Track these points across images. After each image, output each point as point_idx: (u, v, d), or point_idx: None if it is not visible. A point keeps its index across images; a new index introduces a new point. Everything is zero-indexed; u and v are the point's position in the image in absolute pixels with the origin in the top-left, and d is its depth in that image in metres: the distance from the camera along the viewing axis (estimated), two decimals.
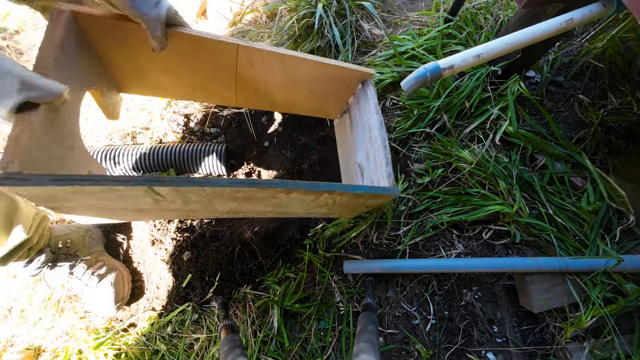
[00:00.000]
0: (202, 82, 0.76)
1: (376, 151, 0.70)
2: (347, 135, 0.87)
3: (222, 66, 0.70)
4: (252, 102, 0.86)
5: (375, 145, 0.71)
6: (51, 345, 0.92)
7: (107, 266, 0.93)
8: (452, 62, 0.63)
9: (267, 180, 0.52)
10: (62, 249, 0.90)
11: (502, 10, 1.19)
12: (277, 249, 0.97)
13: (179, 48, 0.63)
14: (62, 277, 0.89)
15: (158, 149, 1.06)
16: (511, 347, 0.86)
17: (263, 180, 0.52)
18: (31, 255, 0.83)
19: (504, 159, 0.96)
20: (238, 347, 0.69)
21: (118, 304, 0.92)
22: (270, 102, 0.85)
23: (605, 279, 0.82)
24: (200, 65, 0.70)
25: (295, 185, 0.53)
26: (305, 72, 0.74)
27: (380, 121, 0.73)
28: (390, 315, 0.90)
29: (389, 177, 0.66)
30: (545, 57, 1.12)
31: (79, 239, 0.93)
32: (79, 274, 0.89)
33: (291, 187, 0.53)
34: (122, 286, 0.94)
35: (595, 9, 0.67)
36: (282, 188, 0.52)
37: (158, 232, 1.00)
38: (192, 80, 0.75)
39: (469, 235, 0.95)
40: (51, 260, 0.87)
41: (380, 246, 0.95)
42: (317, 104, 0.87)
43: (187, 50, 0.64)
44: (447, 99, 1.00)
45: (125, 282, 0.95)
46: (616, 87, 1.04)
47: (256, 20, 1.37)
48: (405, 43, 1.15)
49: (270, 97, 0.83)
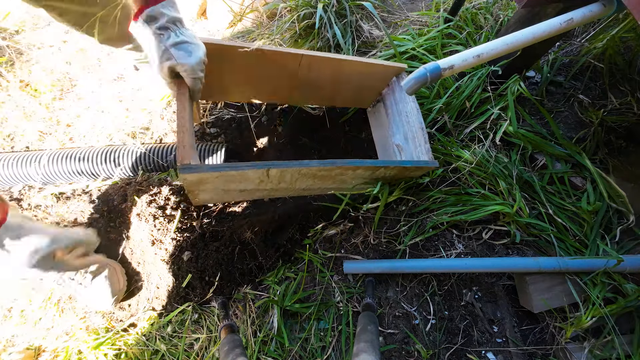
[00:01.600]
0: (266, 86, 0.93)
1: (415, 133, 0.88)
2: (383, 120, 1.03)
3: (285, 72, 0.87)
4: (303, 99, 1.03)
5: (413, 128, 0.89)
6: (51, 345, 0.92)
7: (99, 263, 0.94)
8: (452, 62, 0.63)
9: (344, 160, 0.69)
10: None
11: (502, 10, 1.19)
12: (277, 249, 0.97)
13: (253, 63, 0.80)
14: (53, 279, 0.89)
15: (158, 149, 1.06)
16: (511, 347, 0.86)
17: (341, 160, 0.69)
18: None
19: (504, 159, 0.96)
20: (238, 347, 0.69)
21: (115, 297, 0.92)
22: (319, 98, 1.02)
23: (605, 279, 0.82)
24: (269, 73, 0.86)
25: (363, 163, 0.71)
26: (349, 71, 0.89)
27: (417, 108, 0.90)
28: (390, 315, 0.90)
29: (428, 153, 0.85)
30: (545, 57, 1.12)
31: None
32: (71, 274, 0.89)
33: (360, 164, 0.71)
34: (117, 279, 0.94)
35: (595, 9, 0.67)
36: (355, 165, 0.70)
37: (158, 232, 1.00)
38: (258, 85, 0.92)
39: (469, 235, 0.95)
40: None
41: (380, 246, 0.95)
42: (355, 96, 1.02)
43: (261, 64, 0.81)
44: (448, 99, 1.00)
45: (119, 276, 0.96)
46: (616, 87, 1.04)
47: (256, 20, 1.37)
48: (405, 43, 1.15)
49: (319, 93, 0.99)
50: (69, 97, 1.21)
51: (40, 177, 1.03)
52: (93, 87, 1.23)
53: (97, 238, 0.91)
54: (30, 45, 1.27)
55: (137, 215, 1.01)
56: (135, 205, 1.02)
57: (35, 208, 1.05)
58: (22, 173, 1.02)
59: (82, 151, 1.05)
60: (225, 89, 0.93)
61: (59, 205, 1.06)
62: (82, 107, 1.20)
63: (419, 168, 0.82)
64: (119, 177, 1.08)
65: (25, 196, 1.06)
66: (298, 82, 0.91)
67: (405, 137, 0.92)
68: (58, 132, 1.15)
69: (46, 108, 1.18)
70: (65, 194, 1.08)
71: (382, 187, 0.87)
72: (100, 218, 1.05)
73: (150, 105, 1.19)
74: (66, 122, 1.18)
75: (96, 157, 1.04)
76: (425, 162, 0.83)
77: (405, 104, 0.92)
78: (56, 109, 1.19)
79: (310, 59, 0.82)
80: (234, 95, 0.97)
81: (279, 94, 0.98)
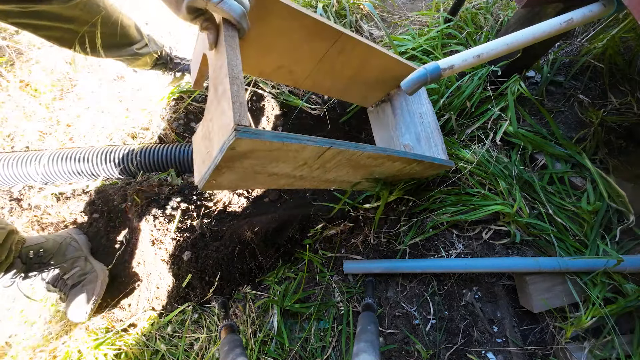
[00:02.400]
0: (287, 62, 0.81)
1: (430, 134, 0.90)
2: (388, 120, 1.02)
3: (314, 49, 0.76)
4: (315, 86, 0.96)
5: (428, 129, 0.91)
6: (50, 345, 0.92)
7: (82, 271, 0.93)
8: (452, 62, 0.63)
9: (391, 149, 0.69)
10: (34, 258, 0.89)
11: (502, 10, 1.19)
12: (277, 249, 0.97)
13: (286, 27, 0.68)
14: (39, 286, 0.89)
15: (158, 149, 1.06)
16: (511, 347, 0.86)
17: (390, 149, 0.69)
18: (2, 270, 0.83)
19: (504, 159, 0.96)
20: (238, 347, 0.69)
21: (91, 308, 0.91)
22: (332, 89, 0.97)
23: (605, 279, 0.82)
24: (295, 45, 0.75)
25: (405, 154, 0.72)
26: (376, 63, 0.85)
27: (432, 109, 0.93)
28: (390, 315, 0.90)
29: (445, 153, 0.88)
30: (545, 57, 1.12)
31: (54, 247, 0.93)
32: (54, 282, 0.89)
33: (402, 155, 0.71)
34: (92, 290, 0.92)
35: (595, 9, 0.67)
36: (397, 155, 0.70)
37: (158, 232, 1.00)
38: (279, 59, 0.80)
39: (469, 235, 0.95)
40: (23, 270, 0.87)
41: (380, 246, 0.95)
42: (365, 92, 1.00)
43: (292, 29, 0.69)
44: (449, 99, 1.00)
45: (97, 285, 0.94)
46: (616, 87, 1.04)
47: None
48: (405, 43, 1.15)
49: (333, 84, 0.94)
50: (69, 97, 1.21)
51: (40, 177, 1.03)
52: (93, 87, 1.23)
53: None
54: (30, 45, 1.27)
55: (137, 215, 1.01)
56: (135, 205, 1.02)
57: (35, 208, 1.05)
58: (22, 173, 1.02)
59: (82, 151, 1.05)
60: (247, 56, 0.78)
61: (59, 205, 1.06)
62: (82, 107, 1.20)
63: (441, 166, 0.85)
64: (119, 177, 1.08)
65: (25, 196, 1.06)
66: (321, 65, 0.83)
67: (418, 138, 0.93)
68: (58, 132, 1.15)
69: (46, 108, 1.18)
70: (65, 194, 1.08)
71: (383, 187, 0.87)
72: (100, 218, 1.05)
73: (150, 105, 1.19)
74: (66, 122, 1.18)
75: (96, 158, 1.04)
76: (447, 161, 0.86)
77: (420, 105, 0.94)
78: (56, 109, 1.19)
79: (345, 41, 0.75)
80: (247, 60, 0.83)
81: (296, 76, 0.88)
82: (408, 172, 0.85)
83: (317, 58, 0.80)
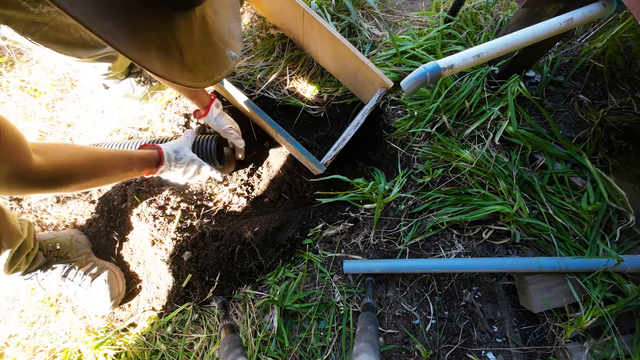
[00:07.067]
0: (284, 21, 1.11)
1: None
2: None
3: (295, 17, 0.99)
4: (312, 50, 1.13)
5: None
6: (50, 345, 0.92)
7: (97, 266, 0.93)
8: (452, 62, 0.63)
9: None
10: (53, 251, 0.90)
11: (502, 10, 1.19)
12: (277, 249, 0.97)
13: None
14: (54, 281, 0.89)
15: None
16: (511, 347, 0.86)
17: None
18: (30, 261, 0.83)
19: (504, 159, 0.96)
20: (238, 347, 0.69)
21: (114, 301, 0.92)
22: (325, 62, 1.12)
23: (605, 279, 0.82)
24: (282, 6, 1.01)
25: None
26: (343, 57, 0.97)
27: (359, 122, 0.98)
28: (390, 315, 0.90)
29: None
30: (545, 57, 1.12)
31: (67, 242, 0.93)
32: (71, 276, 0.89)
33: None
34: (116, 282, 0.94)
35: (595, 8, 0.67)
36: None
37: (158, 232, 1.00)
38: (278, 18, 1.13)
39: (469, 235, 0.95)
40: (44, 263, 0.87)
41: (380, 246, 0.95)
42: (357, 86, 1.10)
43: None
44: (448, 99, 1.00)
45: (118, 279, 0.95)
46: (616, 87, 1.04)
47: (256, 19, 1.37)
48: (405, 43, 1.15)
49: (324, 56, 1.10)
50: (69, 97, 1.22)
51: None
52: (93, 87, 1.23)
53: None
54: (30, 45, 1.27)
55: (137, 215, 1.01)
56: (135, 206, 1.02)
57: (35, 208, 1.05)
58: None
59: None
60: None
61: (59, 205, 1.06)
62: (82, 107, 1.20)
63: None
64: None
65: (25, 196, 1.06)
66: (305, 34, 1.01)
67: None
68: (58, 132, 1.16)
69: (46, 108, 1.18)
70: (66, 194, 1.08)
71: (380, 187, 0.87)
72: (100, 218, 1.05)
73: (150, 105, 1.19)
74: (66, 122, 1.18)
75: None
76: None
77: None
78: (56, 109, 1.19)
79: (311, 20, 0.93)
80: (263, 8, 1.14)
81: (294, 33, 1.11)
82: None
83: (299, 25, 0.99)
